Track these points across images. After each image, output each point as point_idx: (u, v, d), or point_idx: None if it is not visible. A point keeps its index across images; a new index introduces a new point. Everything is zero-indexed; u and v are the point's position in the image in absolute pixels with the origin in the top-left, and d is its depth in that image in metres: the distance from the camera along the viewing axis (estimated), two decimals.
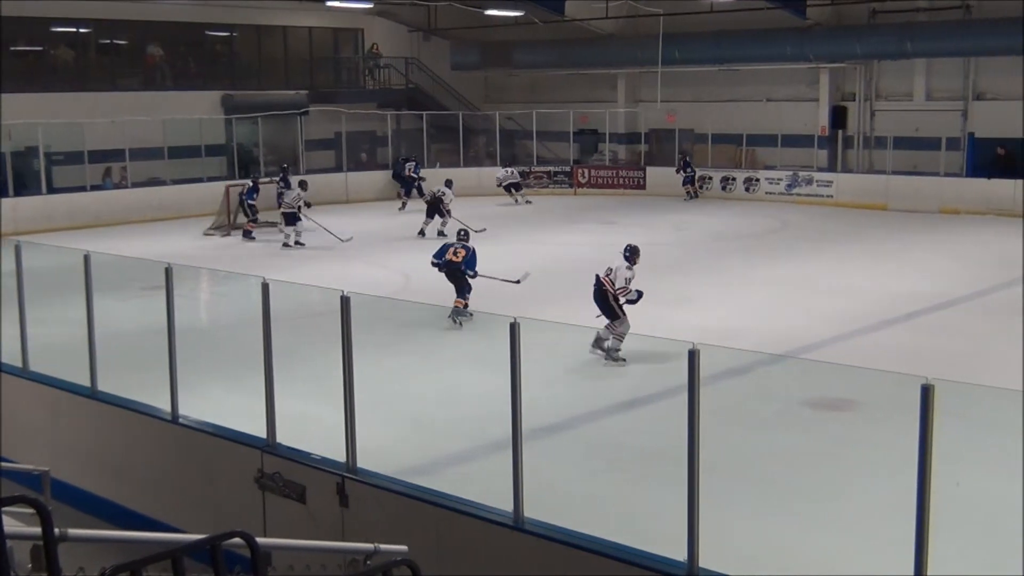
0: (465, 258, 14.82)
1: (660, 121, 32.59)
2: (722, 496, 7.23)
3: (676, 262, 19.79)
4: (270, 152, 30.44)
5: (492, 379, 7.12)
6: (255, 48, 33.53)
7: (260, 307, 7.95)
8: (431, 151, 32.30)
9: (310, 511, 7.68)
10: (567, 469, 9.08)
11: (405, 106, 34.17)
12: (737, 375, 10.89)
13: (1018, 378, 11.37)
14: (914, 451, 5.16)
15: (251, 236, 23.63)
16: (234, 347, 12.57)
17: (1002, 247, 21.27)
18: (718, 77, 31.78)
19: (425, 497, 7.20)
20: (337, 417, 7.65)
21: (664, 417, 9.54)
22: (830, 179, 28.84)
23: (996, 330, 14.37)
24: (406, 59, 35.19)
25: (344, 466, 7.60)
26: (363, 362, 7.73)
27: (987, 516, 7.68)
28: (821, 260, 20.12)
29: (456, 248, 15.02)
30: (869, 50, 28.93)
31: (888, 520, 6.96)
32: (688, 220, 25.75)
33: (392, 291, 16.89)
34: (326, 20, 34.03)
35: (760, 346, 12.47)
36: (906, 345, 13.55)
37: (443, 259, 14.95)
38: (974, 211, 25.78)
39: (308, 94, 32.58)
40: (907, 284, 17.31)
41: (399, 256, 20.88)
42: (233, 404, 9.88)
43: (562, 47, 33.83)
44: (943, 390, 5.12)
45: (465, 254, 14.86)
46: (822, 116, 30.49)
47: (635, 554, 6.17)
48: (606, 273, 12.74)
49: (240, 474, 8.09)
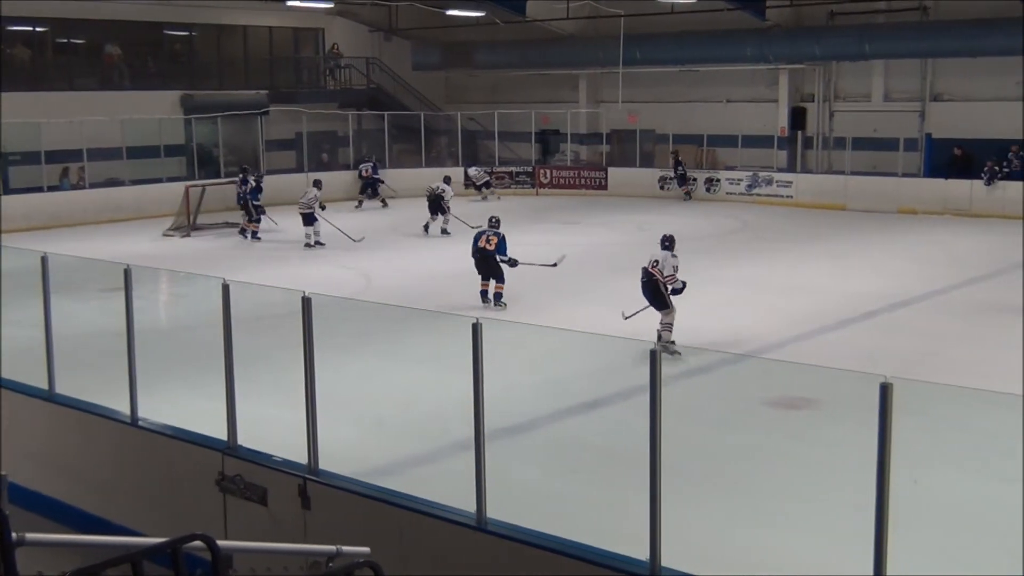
0: (497, 244, 15.63)
1: (622, 122, 32.69)
2: (684, 495, 7.27)
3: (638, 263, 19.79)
4: (230, 152, 30.23)
5: (454, 380, 7.12)
6: (215, 48, 33.32)
7: (220, 308, 7.90)
8: (393, 151, 32.23)
9: (272, 513, 7.64)
10: (530, 469, 9.09)
11: (366, 106, 34.06)
12: (698, 375, 10.95)
13: (975, 376, 11.51)
14: (873, 449, 5.20)
15: (257, 237, 23.37)
16: (194, 349, 12.47)
17: (959, 247, 21.54)
18: (679, 78, 31.93)
19: (387, 498, 7.18)
20: (299, 419, 7.61)
21: (626, 417, 9.57)
22: (790, 179, 29.05)
23: (953, 329, 14.54)
24: (367, 59, 35.08)
25: (306, 468, 7.57)
26: (325, 363, 7.70)
27: (945, 513, 7.76)
28: (781, 260, 20.26)
29: (488, 236, 15.72)
30: (828, 51, 29.17)
31: (848, 517, 7.02)
32: (650, 220, 25.78)
33: (353, 292, 16.84)
34: (286, 20, 33.85)
35: (721, 346, 12.54)
36: (865, 344, 13.67)
37: (476, 247, 15.64)
38: (931, 211, 26.07)
39: (268, 94, 32.40)
40: (866, 284, 17.47)
41: (360, 257, 20.83)
42: (193, 406, 9.79)
43: (523, 47, 33.87)
44: (902, 389, 5.16)
45: (497, 241, 15.67)
46: (781, 117, 30.70)
47: (598, 554, 6.18)
48: (652, 264, 13.10)
49: (201, 477, 8.04)
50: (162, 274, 18.19)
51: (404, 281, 18.07)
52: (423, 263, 20.09)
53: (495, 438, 7.35)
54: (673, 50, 30.98)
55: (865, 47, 27.93)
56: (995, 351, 13.17)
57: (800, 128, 30.33)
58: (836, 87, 30.35)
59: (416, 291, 16.78)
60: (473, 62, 35.27)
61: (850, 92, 30.16)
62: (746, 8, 28.81)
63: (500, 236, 15.73)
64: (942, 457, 8.66)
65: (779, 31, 29.53)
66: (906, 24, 27.97)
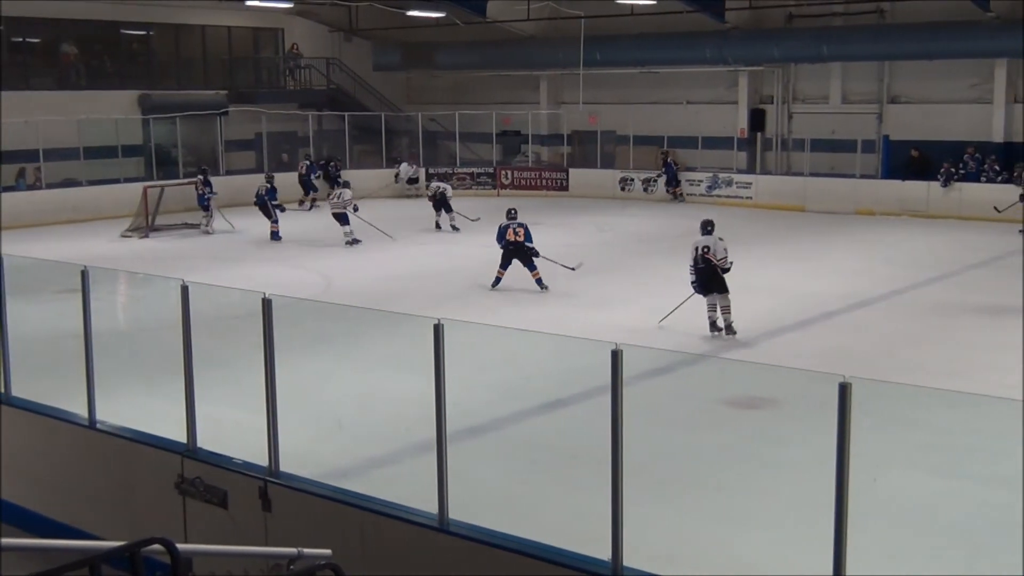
0: (525, 234, 16.49)
1: (582, 123, 32.77)
2: (646, 495, 7.29)
3: (599, 263, 19.90)
4: (189, 153, 30.04)
5: (416, 381, 7.10)
6: (173, 47, 33.08)
7: (179, 310, 7.84)
8: (353, 152, 32.14)
9: (232, 516, 7.58)
10: (492, 470, 9.09)
11: (326, 107, 33.94)
12: (659, 375, 11.00)
13: (932, 376, 11.66)
14: (832, 448, 5.25)
15: (278, 237, 23.24)
16: (153, 351, 12.36)
17: (916, 248, 21.77)
18: (639, 79, 32.06)
19: (349, 500, 7.15)
20: (259, 421, 7.57)
21: (588, 417, 9.58)
22: (749, 181, 29.24)
23: (911, 329, 14.69)
24: (327, 59, 34.94)
25: (266, 470, 7.52)
26: (285, 365, 7.66)
27: (902, 511, 7.83)
28: (741, 261, 20.18)
29: (515, 228, 16.47)
30: (786, 54, 29.39)
31: (808, 516, 7.08)
32: (610, 221, 25.92)
33: (314, 293, 16.78)
34: (245, 19, 33.65)
35: (681, 346, 12.61)
36: (824, 344, 13.78)
37: (505, 240, 16.29)
38: (889, 212, 26.34)
39: (228, 94, 32.19)
40: (824, 284, 17.62)
41: (320, 258, 20.76)
42: (152, 409, 9.71)
43: (484, 48, 33.87)
44: (860, 388, 5.21)
45: (524, 231, 16.53)
46: (741, 118, 30.89)
47: (560, 554, 6.19)
48: (703, 250, 13.62)
49: (160, 480, 7.97)
50: (120, 275, 18.02)
51: (365, 282, 18.02)
52: (383, 264, 20.04)
53: (457, 439, 7.34)
54: (633, 51, 31.10)
55: (823, 49, 28.17)
56: (953, 350, 13.35)
57: (759, 130, 30.53)
58: (795, 89, 30.60)
59: (377, 292, 16.74)
60: (434, 63, 35.23)
61: (808, 94, 30.41)
62: (705, 10, 28.97)
63: (525, 226, 16.51)
64: (900, 456, 8.75)
65: (738, 33, 29.72)
66: (863, 27, 28.25)
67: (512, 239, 16.20)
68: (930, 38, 26.29)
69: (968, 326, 14.67)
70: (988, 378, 11.52)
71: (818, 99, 30.13)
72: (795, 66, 30.20)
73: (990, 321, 14.90)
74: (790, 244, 22.41)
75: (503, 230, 16.43)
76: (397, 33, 34.15)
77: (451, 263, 18.68)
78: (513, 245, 16.24)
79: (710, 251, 13.68)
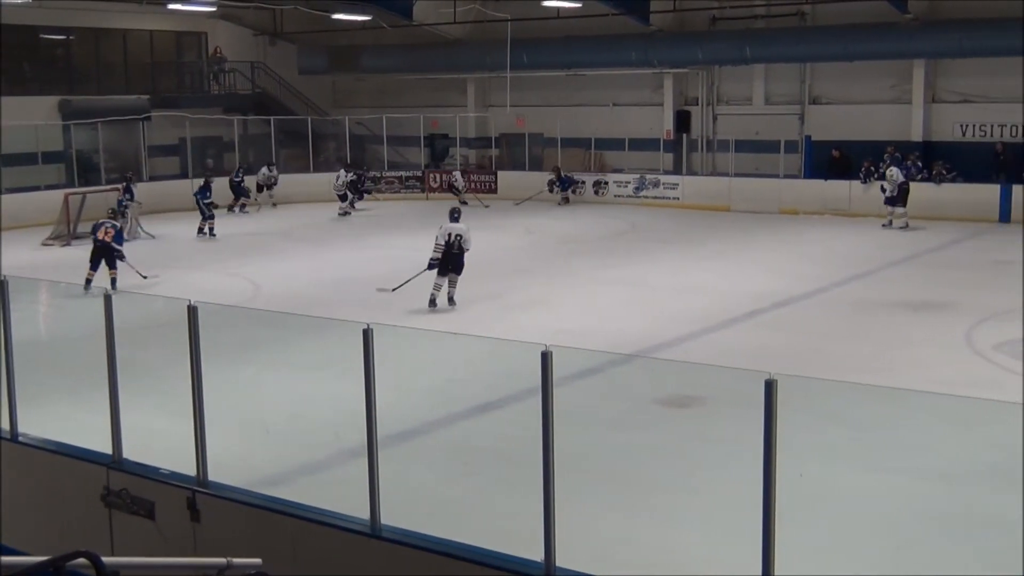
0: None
1: (510, 125, 32.84)
2: (577, 495, 7.32)
3: (528, 265, 19.98)
4: (111, 159, 29.53)
5: (346, 386, 7.07)
6: (93, 52, 32.51)
7: (103, 319, 7.71)
8: (280, 157, 31.86)
9: (160, 527, 7.48)
10: (423, 474, 9.07)
11: (252, 111, 33.61)
12: (589, 375, 11.05)
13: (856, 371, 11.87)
14: (760, 444, 5.31)
15: (213, 234, 23.86)
16: (77, 361, 12.15)
17: (839, 246, 22.13)
18: (566, 82, 32.19)
19: (279, 508, 7.09)
20: (186, 430, 7.47)
21: (519, 419, 9.61)
22: (676, 182, 29.49)
23: (835, 326, 14.93)
24: (252, 63, 34.60)
25: (194, 480, 7.43)
26: (212, 373, 7.57)
27: (829, 505, 7.95)
28: (669, 261, 20.58)
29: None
30: (710, 56, 29.70)
31: (737, 511, 7.15)
32: (539, 223, 26.01)
33: (241, 299, 16.60)
34: (167, 23, 33.18)
35: (611, 346, 12.68)
36: (750, 342, 13.95)
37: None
38: (812, 211, 26.74)
39: (150, 99, 31.69)
40: (750, 283, 17.83)
41: (247, 264, 20.55)
42: (77, 420, 9.55)
43: (411, 51, 33.78)
44: (786, 384, 5.28)
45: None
46: (667, 120, 31.17)
47: (493, 556, 6.20)
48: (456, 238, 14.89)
49: (85, 492, 7.83)
50: (42, 285, 17.68)
51: (294, 288, 17.86)
52: (313, 269, 19.90)
53: (388, 444, 7.32)
54: (560, 54, 31.23)
55: (746, 52, 28.52)
56: (876, 346, 13.58)
57: (685, 131, 30.82)
58: (719, 91, 30.95)
59: (307, 297, 16.61)
60: (360, 66, 35.04)
61: (732, 96, 30.79)
62: (630, 13, 29.18)
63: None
64: (826, 450, 8.88)
65: (663, 36, 29.97)
66: (785, 29, 28.67)
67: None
68: (850, 40, 26.78)
69: (890, 322, 14.95)
70: (910, 373, 11.74)
71: (742, 101, 30.52)
72: (719, 68, 30.55)
73: (911, 317, 15.21)
74: (716, 244, 22.65)
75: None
76: (322, 36, 33.94)
77: (382, 268, 18.58)
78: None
79: (463, 238, 15.50)
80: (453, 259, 15.56)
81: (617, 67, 31.03)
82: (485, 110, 34.37)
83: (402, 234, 24.18)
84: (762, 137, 28.76)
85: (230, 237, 24.15)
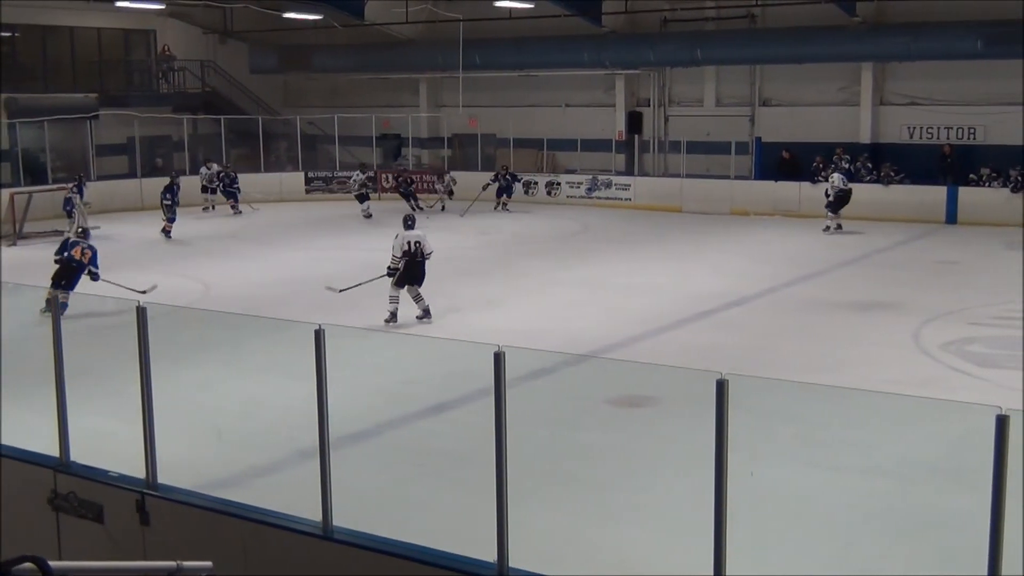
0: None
1: (462, 126, 32.79)
2: (531, 495, 7.33)
3: (480, 266, 19.97)
4: (58, 158, 29.17)
5: (297, 387, 7.02)
6: (39, 49, 32.06)
7: (50, 320, 7.61)
8: (231, 156, 31.60)
9: (108, 531, 7.38)
10: (376, 476, 9.03)
11: (202, 110, 33.32)
12: (542, 376, 11.06)
13: (806, 370, 11.98)
14: (711, 444, 5.34)
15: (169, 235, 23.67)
16: (22, 363, 11.94)
17: (789, 246, 22.34)
18: (518, 82, 32.23)
19: (230, 510, 7.03)
20: (135, 432, 7.38)
21: (471, 420, 9.59)
22: (628, 183, 29.64)
23: (786, 325, 15.06)
24: (201, 62, 34.30)
25: (144, 482, 7.34)
26: (162, 374, 7.49)
27: (779, 503, 8.02)
28: (621, 261, 20.65)
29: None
30: (661, 57, 29.86)
31: (690, 511, 7.19)
32: (492, 224, 26.01)
33: (191, 300, 16.45)
34: (115, 21, 32.81)
35: (564, 347, 12.70)
36: (702, 341, 14.04)
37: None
38: (762, 212, 26.96)
39: (98, 97, 31.24)
40: (702, 283, 17.95)
41: (198, 264, 20.37)
42: (22, 422, 9.40)
43: (362, 51, 33.66)
44: (737, 384, 5.31)
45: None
46: (619, 121, 31.31)
47: (445, 557, 6.18)
48: (416, 245, 14.28)
49: (31, 496, 7.71)
50: None
51: (245, 289, 17.73)
52: (264, 270, 19.76)
53: (340, 445, 7.28)
54: (512, 55, 31.27)
55: (697, 53, 28.71)
56: (826, 346, 13.72)
57: (637, 132, 30.98)
58: (670, 92, 31.12)
59: (258, 298, 16.50)
60: (311, 65, 34.86)
61: (684, 97, 30.97)
62: (582, 14, 29.27)
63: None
64: (777, 449, 8.95)
65: (615, 37, 30.09)
66: (735, 31, 28.90)
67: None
68: (799, 42, 27.08)
69: (839, 322, 15.10)
70: (860, 372, 11.88)
71: (693, 102, 30.71)
72: (670, 70, 30.73)
73: (861, 317, 15.38)
74: (668, 244, 22.79)
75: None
76: (274, 35, 33.72)
77: (332, 268, 18.49)
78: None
79: (422, 245, 14.70)
80: (416, 267, 14.84)
81: (569, 68, 31.14)
82: (437, 110, 34.32)
83: (352, 235, 24.13)
84: (713, 138, 28.92)
85: (183, 239, 23.91)
